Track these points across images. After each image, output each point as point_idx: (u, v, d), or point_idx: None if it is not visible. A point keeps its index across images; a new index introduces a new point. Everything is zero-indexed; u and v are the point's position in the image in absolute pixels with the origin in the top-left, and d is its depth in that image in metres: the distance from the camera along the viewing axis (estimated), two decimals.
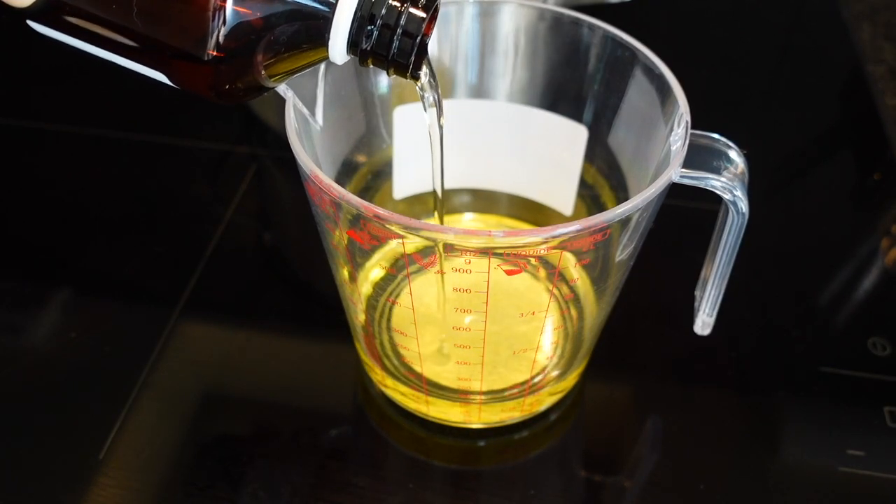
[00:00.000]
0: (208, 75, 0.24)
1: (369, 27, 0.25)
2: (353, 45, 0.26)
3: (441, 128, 0.31)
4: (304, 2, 0.25)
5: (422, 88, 0.29)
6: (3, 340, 0.40)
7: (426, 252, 0.29)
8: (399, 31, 0.26)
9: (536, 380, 0.35)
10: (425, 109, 0.30)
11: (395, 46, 0.26)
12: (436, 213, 0.35)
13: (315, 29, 0.25)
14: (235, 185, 0.48)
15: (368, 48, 0.26)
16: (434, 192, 0.34)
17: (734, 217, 0.30)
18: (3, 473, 0.34)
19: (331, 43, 0.25)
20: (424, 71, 0.28)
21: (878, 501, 0.34)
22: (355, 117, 0.36)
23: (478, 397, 0.34)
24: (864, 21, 0.63)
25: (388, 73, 0.27)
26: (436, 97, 0.30)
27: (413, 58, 0.26)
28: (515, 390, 0.35)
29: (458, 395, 0.34)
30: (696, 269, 0.35)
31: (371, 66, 0.27)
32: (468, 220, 0.42)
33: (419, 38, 0.26)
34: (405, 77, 0.27)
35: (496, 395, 0.35)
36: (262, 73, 0.25)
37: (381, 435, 0.37)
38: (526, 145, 0.39)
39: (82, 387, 0.38)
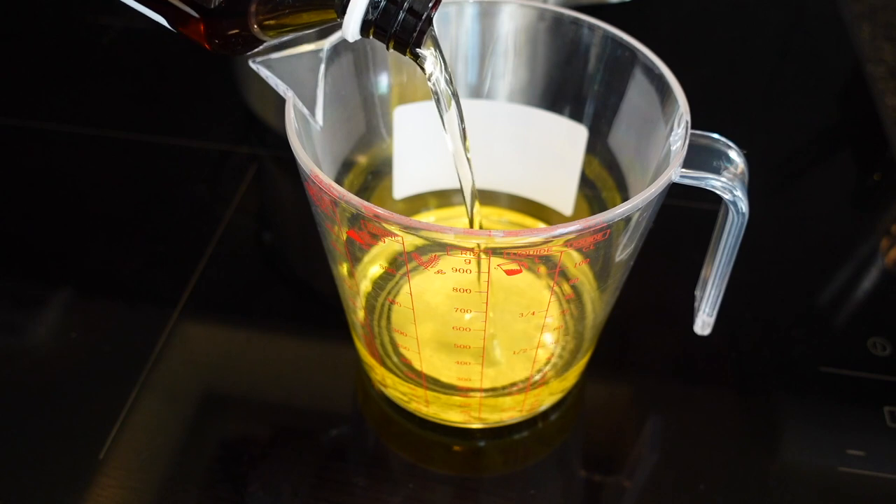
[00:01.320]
0: (211, 23, 0.24)
1: None
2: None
3: (461, 123, 0.31)
4: None
5: (430, 78, 0.29)
6: (3, 340, 0.40)
7: (425, 251, 0.29)
8: (405, 8, 0.26)
9: (536, 378, 0.35)
10: (436, 104, 0.30)
11: (398, 22, 0.26)
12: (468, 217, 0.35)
13: None
14: (235, 185, 0.48)
15: (373, 19, 0.26)
16: (463, 194, 0.33)
17: (734, 217, 0.30)
18: (3, 473, 0.34)
19: (347, 14, 0.26)
20: (433, 55, 0.28)
21: (878, 501, 0.34)
22: (355, 117, 0.36)
23: (478, 394, 0.34)
24: (864, 21, 0.63)
25: (387, 48, 0.27)
26: (447, 88, 0.30)
27: (415, 35, 0.26)
28: (515, 388, 0.35)
29: (458, 392, 0.34)
30: (696, 269, 0.35)
31: (371, 37, 0.27)
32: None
33: (424, 17, 0.26)
34: (404, 53, 0.27)
35: (496, 392, 0.35)
36: (264, 26, 0.25)
37: (381, 435, 0.37)
38: (526, 145, 0.39)
39: (82, 387, 0.38)
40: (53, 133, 0.51)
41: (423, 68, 0.29)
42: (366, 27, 0.26)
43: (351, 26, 0.26)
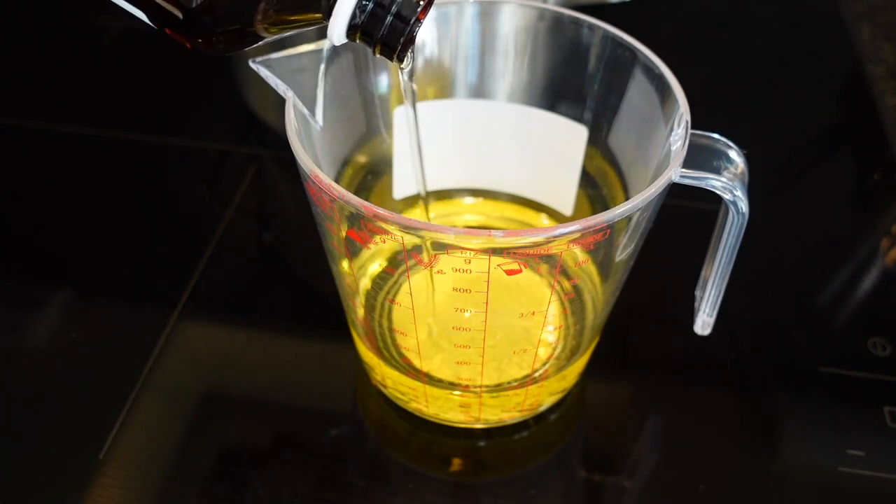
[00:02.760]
0: (192, 22, 0.24)
1: (364, 2, 0.25)
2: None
3: (415, 119, 0.31)
4: None
5: (402, 73, 0.29)
6: (3, 340, 0.40)
7: (424, 251, 0.29)
8: (392, 12, 0.25)
9: (537, 375, 0.35)
10: (405, 97, 0.31)
11: (384, 27, 0.26)
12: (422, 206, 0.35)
13: None
14: (235, 185, 0.48)
15: (359, 23, 0.26)
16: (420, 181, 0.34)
17: (734, 217, 0.30)
18: (3, 473, 0.34)
19: (333, 16, 0.25)
20: (409, 56, 0.28)
21: (878, 501, 0.34)
22: (355, 117, 0.36)
23: (478, 390, 0.34)
24: (864, 21, 0.63)
25: (373, 53, 0.27)
26: (409, 84, 0.30)
27: (402, 41, 0.26)
28: (516, 383, 0.35)
29: (458, 388, 0.34)
30: (696, 269, 0.35)
31: (357, 41, 0.27)
32: (469, 202, 0.42)
33: (411, 22, 0.26)
34: (390, 59, 0.27)
35: (496, 389, 0.35)
36: (247, 26, 0.25)
37: (381, 435, 0.37)
38: (526, 145, 0.39)
39: (82, 387, 0.38)
40: (53, 133, 0.51)
41: (400, 67, 0.29)
42: (352, 31, 0.26)
43: (337, 29, 0.26)
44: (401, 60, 0.27)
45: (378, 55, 0.27)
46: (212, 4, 0.23)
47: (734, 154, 0.30)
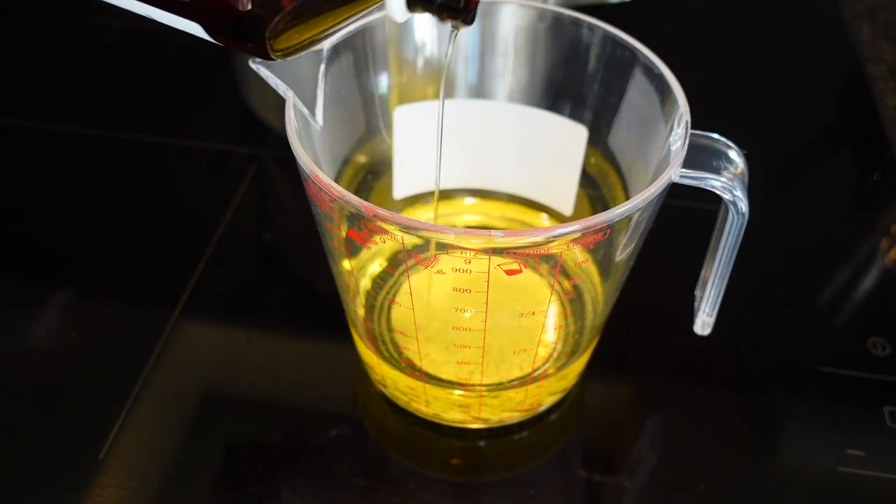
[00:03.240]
0: (254, 25, 0.23)
1: None
2: None
3: (443, 99, 0.31)
4: None
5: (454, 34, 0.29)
6: (3, 340, 0.40)
7: (424, 251, 0.29)
8: None
9: (537, 374, 0.35)
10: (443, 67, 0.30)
11: None
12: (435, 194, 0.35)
13: None
14: (235, 185, 0.48)
15: None
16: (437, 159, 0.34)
17: (734, 217, 0.30)
18: (2, 473, 0.34)
19: None
20: None
21: (878, 501, 0.34)
22: (355, 117, 0.36)
23: (478, 389, 0.34)
24: (864, 21, 0.63)
25: (440, 20, 0.26)
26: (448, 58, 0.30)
27: (464, 1, 0.25)
28: (516, 382, 0.35)
29: (458, 387, 0.34)
30: (696, 269, 0.35)
31: (419, 12, 0.26)
32: (469, 203, 0.42)
33: None
34: (459, 22, 0.26)
35: (496, 388, 0.35)
36: (313, 22, 0.24)
37: (381, 435, 0.37)
38: (526, 145, 0.39)
39: (82, 387, 0.38)
40: (53, 133, 0.51)
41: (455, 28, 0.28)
42: (411, 3, 0.25)
43: (396, 2, 0.25)
44: (468, 22, 0.27)
45: (445, 22, 0.26)
46: (268, 5, 0.22)
47: (734, 154, 0.30)
